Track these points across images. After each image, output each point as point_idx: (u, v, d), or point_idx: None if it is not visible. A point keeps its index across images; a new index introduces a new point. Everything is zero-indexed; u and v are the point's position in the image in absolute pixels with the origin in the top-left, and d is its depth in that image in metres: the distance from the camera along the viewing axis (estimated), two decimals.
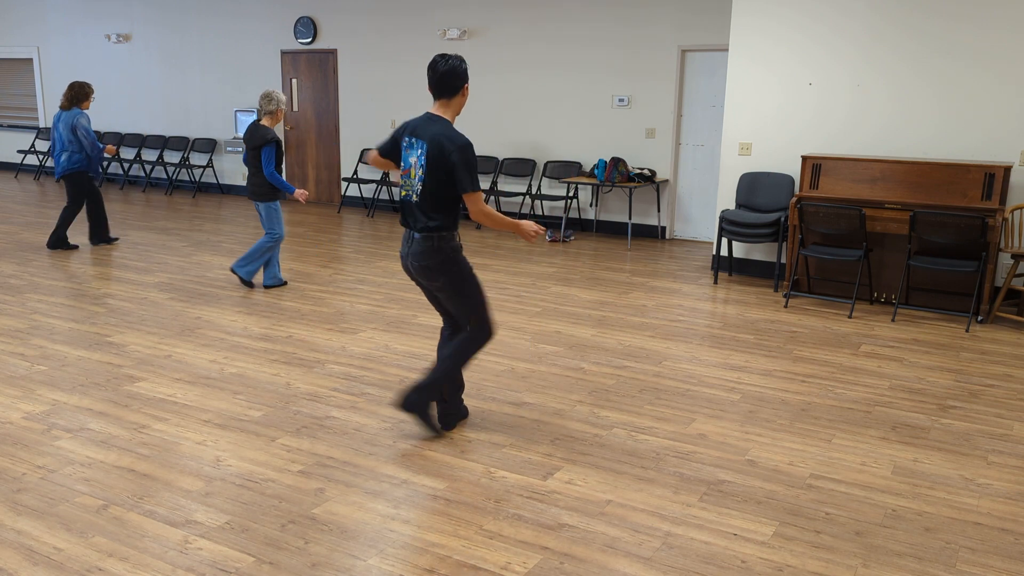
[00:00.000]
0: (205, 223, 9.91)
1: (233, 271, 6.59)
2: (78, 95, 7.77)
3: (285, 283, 6.80)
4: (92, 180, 8.03)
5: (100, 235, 8.30)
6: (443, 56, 3.58)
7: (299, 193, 6.39)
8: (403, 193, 3.67)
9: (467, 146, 3.52)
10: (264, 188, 6.43)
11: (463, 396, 4.07)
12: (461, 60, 3.61)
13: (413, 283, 3.88)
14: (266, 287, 6.68)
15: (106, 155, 7.90)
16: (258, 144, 6.34)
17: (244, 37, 12.02)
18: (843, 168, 6.57)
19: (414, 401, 3.75)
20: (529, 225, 3.66)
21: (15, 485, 3.34)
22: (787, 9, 6.97)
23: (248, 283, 6.65)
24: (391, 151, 3.77)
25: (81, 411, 4.11)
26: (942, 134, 6.57)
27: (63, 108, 7.78)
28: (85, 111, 7.80)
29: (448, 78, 3.58)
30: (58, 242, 8.08)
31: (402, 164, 3.69)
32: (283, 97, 6.46)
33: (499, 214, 3.61)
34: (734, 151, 7.40)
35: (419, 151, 3.58)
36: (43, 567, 2.78)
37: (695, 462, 3.67)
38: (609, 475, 3.52)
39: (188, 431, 3.91)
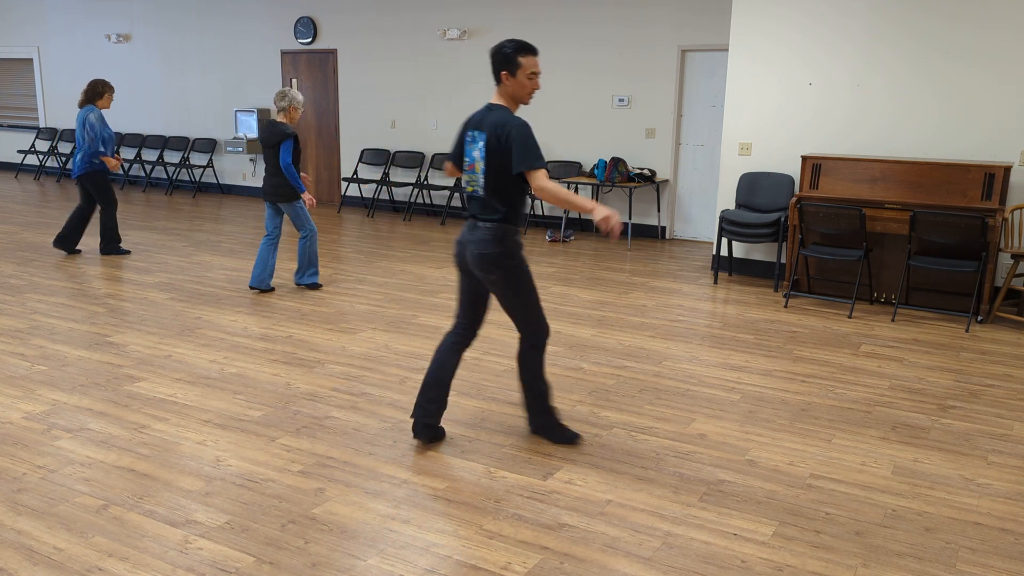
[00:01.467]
0: (205, 223, 9.90)
1: (299, 285, 6.69)
2: (91, 93, 7.62)
3: (273, 289, 6.72)
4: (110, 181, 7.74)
5: (71, 242, 7.85)
6: (506, 40, 3.48)
7: (307, 197, 6.36)
8: (469, 189, 3.57)
9: (523, 124, 3.39)
10: (286, 187, 6.33)
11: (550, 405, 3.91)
12: (504, 44, 3.44)
13: (461, 273, 3.68)
14: (251, 287, 6.65)
15: (104, 163, 7.61)
16: (276, 141, 6.23)
17: (244, 37, 12.03)
18: (843, 168, 6.57)
19: (540, 425, 3.81)
20: (603, 211, 3.32)
21: (15, 485, 3.34)
22: (787, 9, 6.97)
23: (317, 285, 6.72)
24: (460, 154, 3.65)
25: (81, 411, 4.11)
26: (942, 134, 6.57)
27: (80, 106, 7.64)
28: (99, 108, 7.64)
29: (493, 63, 3.48)
30: (109, 247, 7.84)
31: (466, 159, 3.58)
32: (299, 96, 6.33)
33: (567, 191, 3.38)
34: (734, 151, 7.40)
35: (480, 143, 3.48)
36: (43, 567, 2.78)
37: (695, 462, 3.67)
38: (609, 475, 3.52)
39: (188, 431, 3.91)
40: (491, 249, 3.49)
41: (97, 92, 7.64)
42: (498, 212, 3.49)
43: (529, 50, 3.45)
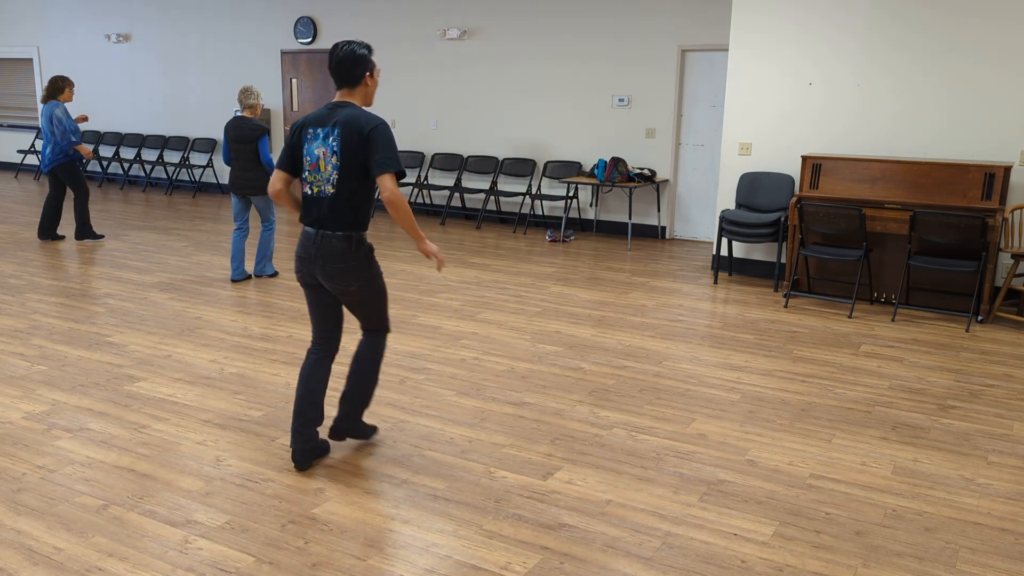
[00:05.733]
0: (205, 223, 9.90)
1: (259, 276, 6.97)
2: (52, 89, 8.02)
3: (251, 277, 7.04)
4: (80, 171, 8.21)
5: (50, 231, 8.42)
6: (344, 42, 3.33)
7: None
8: (313, 190, 3.31)
9: (387, 124, 3.26)
10: (262, 181, 6.64)
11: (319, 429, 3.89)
12: (355, 46, 3.32)
13: (308, 288, 3.48)
14: (258, 275, 6.95)
15: (80, 154, 8.06)
16: (254, 136, 6.55)
17: (244, 37, 12.03)
18: (843, 168, 6.57)
19: (344, 429, 3.68)
20: (432, 247, 3.44)
21: (15, 485, 3.34)
22: (787, 9, 6.97)
23: (276, 273, 7.01)
24: (293, 165, 3.40)
25: (81, 411, 4.11)
26: (942, 134, 6.57)
27: (43, 102, 8.06)
28: (62, 102, 8.07)
29: (345, 66, 3.31)
30: (84, 232, 8.34)
31: (307, 158, 3.34)
32: (258, 91, 6.68)
33: (410, 212, 3.27)
34: (734, 151, 7.40)
35: (329, 138, 3.26)
36: (43, 567, 2.78)
37: (695, 462, 3.67)
38: (609, 475, 3.52)
39: (188, 431, 3.90)
40: (349, 262, 3.31)
41: (58, 87, 8.05)
42: (348, 218, 3.30)
43: (372, 49, 3.42)
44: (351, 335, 5.42)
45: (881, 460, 3.72)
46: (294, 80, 11.76)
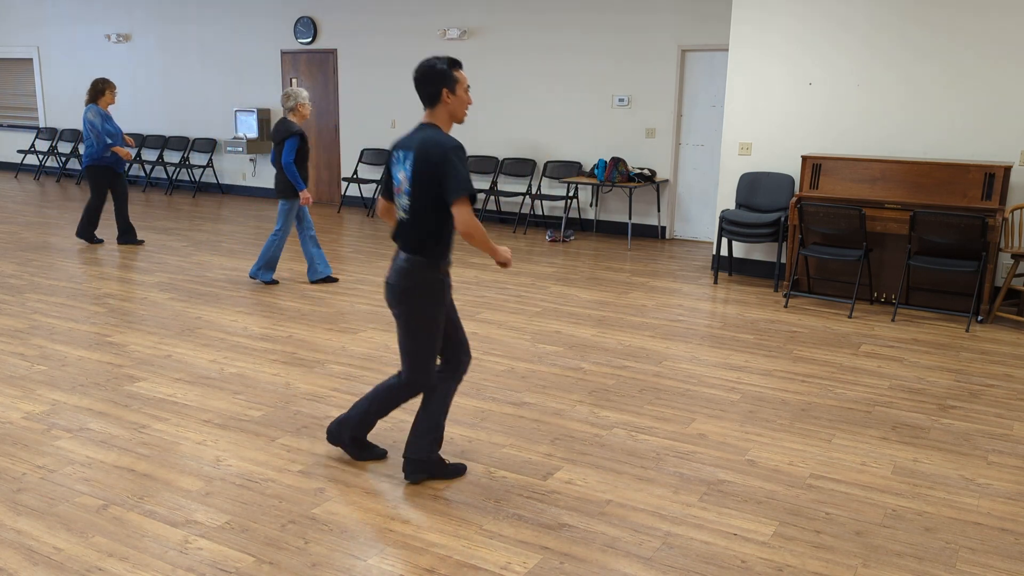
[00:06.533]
0: (205, 223, 9.91)
1: (251, 278, 6.87)
2: (92, 91, 7.99)
3: (336, 279, 6.99)
4: (117, 176, 8.12)
5: (88, 232, 8.33)
6: (426, 58, 3.24)
7: (304, 195, 6.49)
8: (399, 214, 3.28)
9: (459, 148, 3.13)
10: (283, 184, 6.52)
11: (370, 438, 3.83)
12: (436, 62, 3.20)
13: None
14: (253, 276, 6.85)
15: (118, 155, 8.04)
16: (281, 138, 6.41)
17: (244, 37, 12.02)
18: (843, 168, 6.57)
19: (333, 432, 3.60)
20: (503, 255, 3.31)
21: (15, 485, 3.34)
22: (787, 9, 6.97)
23: (273, 280, 6.88)
24: (388, 188, 3.38)
25: (81, 411, 4.11)
26: (942, 134, 6.57)
27: (85, 104, 8.06)
28: (98, 106, 7.99)
29: (421, 84, 3.21)
30: (85, 232, 8.29)
31: (393, 182, 3.30)
32: (303, 93, 6.46)
33: (485, 233, 3.18)
34: (734, 151, 7.40)
35: (406, 162, 3.20)
36: (43, 567, 2.78)
37: (695, 462, 3.67)
38: (609, 475, 3.52)
39: (188, 431, 3.90)
40: (402, 282, 3.23)
41: (98, 90, 8.00)
42: (415, 242, 3.21)
43: (459, 64, 3.28)
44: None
45: (881, 460, 3.72)
46: (294, 80, 11.76)
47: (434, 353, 3.34)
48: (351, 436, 3.57)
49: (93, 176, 8.06)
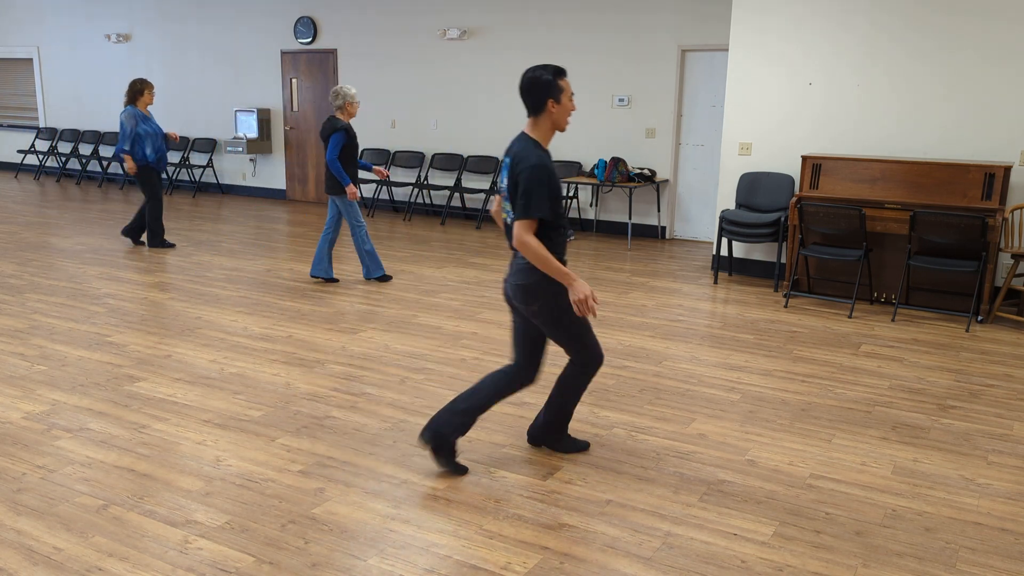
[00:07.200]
0: (205, 223, 9.91)
1: (367, 279, 6.91)
2: (130, 92, 7.96)
3: (389, 278, 7.03)
4: (157, 175, 8.09)
5: (158, 239, 8.28)
6: (531, 67, 3.28)
7: (349, 190, 6.55)
8: (507, 219, 3.38)
9: (536, 167, 3.16)
10: (332, 181, 6.58)
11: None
12: (541, 72, 3.24)
13: (511, 309, 3.49)
14: (367, 278, 6.89)
15: (171, 138, 8.07)
16: (327, 135, 6.49)
17: (244, 37, 12.03)
18: (843, 168, 6.57)
19: (536, 438, 3.71)
20: (581, 292, 3.21)
21: (15, 485, 3.34)
22: (787, 9, 6.97)
23: (381, 277, 6.92)
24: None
25: (81, 411, 4.11)
26: (942, 134, 6.57)
27: (124, 105, 8.00)
28: (135, 107, 7.93)
29: (527, 95, 3.26)
30: (148, 236, 8.27)
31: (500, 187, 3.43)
32: (350, 91, 6.50)
33: (548, 255, 3.18)
34: (734, 151, 7.40)
35: (505, 172, 3.31)
36: (43, 567, 2.78)
37: (695, 462, 3.67)
38: (609, 475, 3.52)
39: (188, 431, 3.90)
40: (526, 280, 3.30)
41: (136, 91, 7.97)
42: None
43: (564, 73, 3.32)
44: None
45: (881, 460, 3.72)
46: (294, 80, 11.76)
47: (589, 330, 3.45)
48: (556, 436, 3.69)
49: (141, 177, 7.98)
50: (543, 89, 3.25)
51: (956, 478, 3.56)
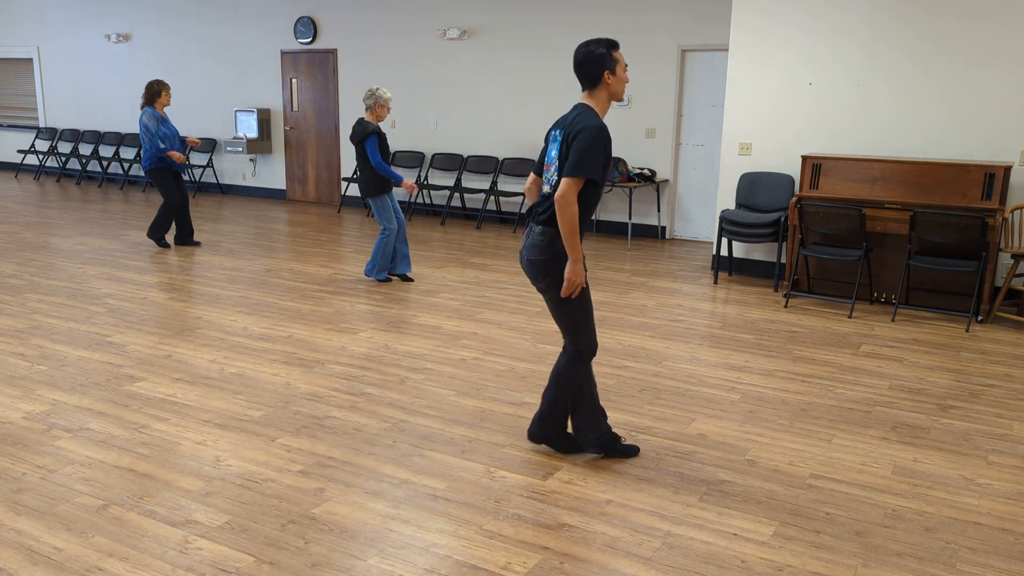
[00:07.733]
0: (205, 223, 9.90)
1: (367, 275, 6.93)
2: (147, 94, 7.97)
3: (411, 278, 7.04)
4: (176, 177, 8.10)
5: (182, 235, 8.35)
6: (584, 42, 3.31)
7: (406, 184, 6.62)
8: (546, 188, 3.38)
9: (597, 129, 3.19)
10: (371, 183, 6.60)
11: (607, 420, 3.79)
12: (595, 46, 3.28)
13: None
14: (382, 278, 6.91)
15: (173, 159, 7.94)
16: (360, 139, 6.52)
17: (244, 37, 12.02)
18: (843, 168, 6.57)
19: (533, 433, 3.67)
20: (577, 276, 3.29)
21: (15, 485, 3.34)
22: (787, 9, 6.97)
23: (387, 278, 6.94)
24: (540, 166, 3.46)
25: (81, 411, 4.11)
26: (942, 134, 6.57)
27: (141, 107, 8.03)
28: (153, 109, 7.95)
29: (583, 68, 3.30)
30: (183, 240, 8.35)
31: (546, 160, 3.40)
32: (385, 94, 6.53)
33: (575, 226, 3.22)
34: (734, 151, 7.40)
35: (558, 140, 3.31)
36: (43, 567, 2.78)
37: (695, 462, 3.67)
38: (609, 475, 3.52)
39: (188, 431, 3.90)
40: (540, 255, 3.34)
41: (153, 92, 8.00)
42: (552, 212, 3.31)
43: (617, 45, 3.35)
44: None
45: (881, 460, 3.72)
46: (294, 80, 11.76)
47: (591, 318, 3.47)
48: (557, 433, 3.67)
49: (156, 180, 8.00)
50: (598, 62, 3.29)
51: (956, 478, 3.56)
